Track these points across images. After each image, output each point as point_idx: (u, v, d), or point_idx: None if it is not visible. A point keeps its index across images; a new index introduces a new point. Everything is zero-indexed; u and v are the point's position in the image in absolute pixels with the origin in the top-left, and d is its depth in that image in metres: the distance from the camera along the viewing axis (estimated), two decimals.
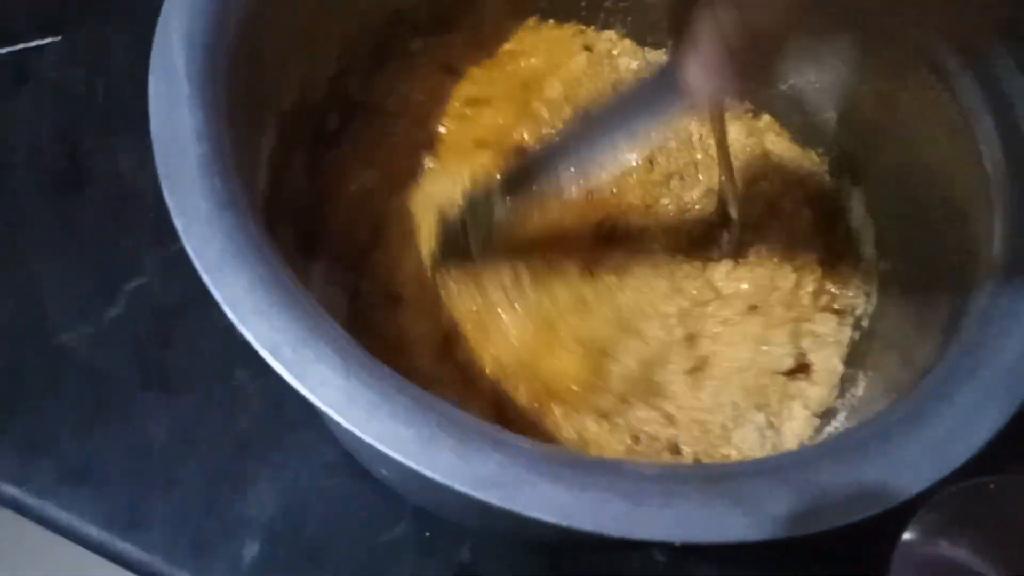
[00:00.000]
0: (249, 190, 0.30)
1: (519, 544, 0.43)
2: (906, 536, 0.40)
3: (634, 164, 0.46)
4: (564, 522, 0.24)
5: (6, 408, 0.43)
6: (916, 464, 0.27)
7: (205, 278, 0.26)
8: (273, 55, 0.37)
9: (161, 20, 0.30)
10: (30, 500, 0.42)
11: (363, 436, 0.25)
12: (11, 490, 0.42)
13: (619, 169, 0.46)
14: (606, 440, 0.38)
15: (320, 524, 0.43)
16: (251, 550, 0.42)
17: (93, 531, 0.42)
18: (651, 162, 0.48)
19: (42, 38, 0.54)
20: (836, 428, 0.41)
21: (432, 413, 0.25)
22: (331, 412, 0.25)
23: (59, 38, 0.54)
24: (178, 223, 0.27)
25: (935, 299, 0.36)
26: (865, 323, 0.44)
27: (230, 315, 0.26)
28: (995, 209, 0.34)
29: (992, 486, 0.40)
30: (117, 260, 0.46)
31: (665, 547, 0.43)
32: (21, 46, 0.53)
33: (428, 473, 0.24)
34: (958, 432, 0.27)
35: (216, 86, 0.31)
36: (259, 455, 0.43)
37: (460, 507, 0.34)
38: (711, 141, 0.47)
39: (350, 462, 0.44)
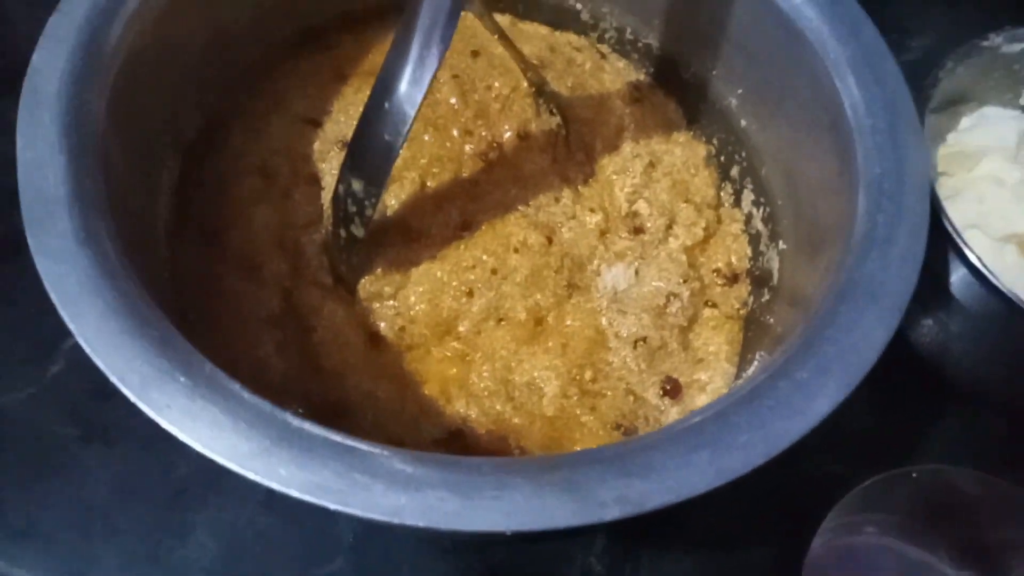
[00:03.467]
0: (117, 222, 0.31)
1: (455, 566, 0.42)
2: (821, 529, 0.39)
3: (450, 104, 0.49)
4: (396, 520, 0.24)
5: None
6: (747, 445, 0.26)
7: (61, 312, 0.27)
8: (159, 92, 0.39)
9: (29, 73, 0.32)
10: None
11: (207, 452, 0.25)
12: None
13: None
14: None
15: (260, 562, 0.43)
16: None
17: None
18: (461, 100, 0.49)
19: None
20: None
21: (272, 427, 0.26)
22: (175, 431, 0.25)
23: None
24: (37, 261, 0.28)
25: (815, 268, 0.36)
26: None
27: (82, 344, 0.27)
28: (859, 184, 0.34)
29: (913, 475, 0.39)
30: (55, 320, 0.48)
31: (604, 557, 0.42)
32: None
33: (266, 483, 0.24)
34: (792, 410, 0.27)
35: (86, 131, 0.32)
36: (197, 499, 0.44)
37: None
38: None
39: (285, 499, 0.44)
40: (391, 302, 0.44)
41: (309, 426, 0.26)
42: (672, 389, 0.43)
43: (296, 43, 0.50)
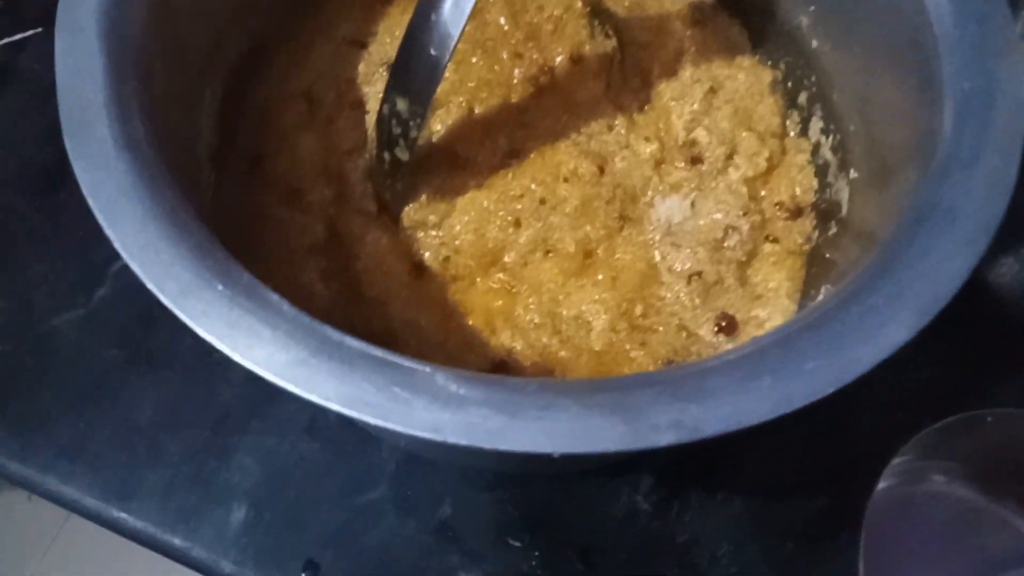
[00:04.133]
0: (158, 135, 0.30)
1: (497, 500, 0.41)
2: (885, 473, 0.37)
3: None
4: (438, 437, 0.23)
5: (3, 391, 0.45)
6: (814, 372, 0.24)
7: (98, 216, 0.27)
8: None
9: None
10: (32, 475, 0.44)
11: (244, 362, 0.24)
12: (14, 466, 0.44)
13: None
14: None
15: (302, 488, 0.43)
16: (237, 515, 0.43)
17: (90, 502, 0.43)
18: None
19: (23, 31, 0.55)
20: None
21: (311, 338, 0.25)
22: (212, 339, 0.25)
23: (40, 30, 0.55)
24: (76, 167, 0.28)
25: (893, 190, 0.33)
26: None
27: (119, 249, 0.26)
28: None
29: (988, 418, 0.37)
30: (101, 245, 0.48)
31: (651, 496, 0.41)
32: (2, 41, 0.55)
33: (305, 395, 0.24)
34: (864, 335, 0.25)
35: (125, 43, 0.31)
36: (241, 425, 0.44)
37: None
38: None
39: (328, 426, 0.44)
40: (436, 231, 0.43)
41: (350, 340, 0.25)
42: (728, 326, 0.41)
43: None
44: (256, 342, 0.25)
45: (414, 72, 0.37)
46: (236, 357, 0.24)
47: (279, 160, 0.43)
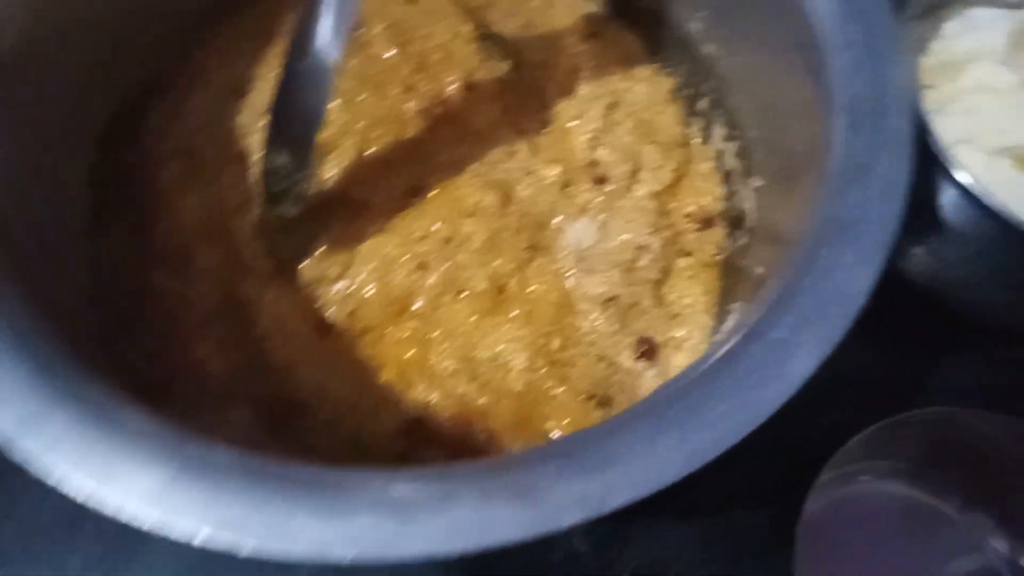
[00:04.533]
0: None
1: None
2: (817, 484, 0.36)
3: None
4: (323, 556, 0.20)
5: None
6: (719, 420, 0.23)
7: None
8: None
9: None
10: None
11: (100, 494, 0.22)
12: None
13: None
14: None
15: None
16: None
17: None
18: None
19: None
20: None
21: (176, 456, 0.22)
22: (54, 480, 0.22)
23: None
24: None
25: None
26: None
27: None
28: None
29: (914, 420, 0.36)
30: None
31: (590, 536, 0.40)
32: None
33: (172, 521, 0.21)
34: (767, 374, 0.23)
35: None
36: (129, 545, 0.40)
37: None
38: None
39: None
40: (339, 284, 0.41)
41: (219, 452, 0.23)
42: (648, 350, 0.39)
43: (212, 7, 0.46)
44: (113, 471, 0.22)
45: (290, 123, 0.35)
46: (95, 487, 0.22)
47: (161, 225, 0.40)
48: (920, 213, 0.35)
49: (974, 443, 0.35)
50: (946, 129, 0.38)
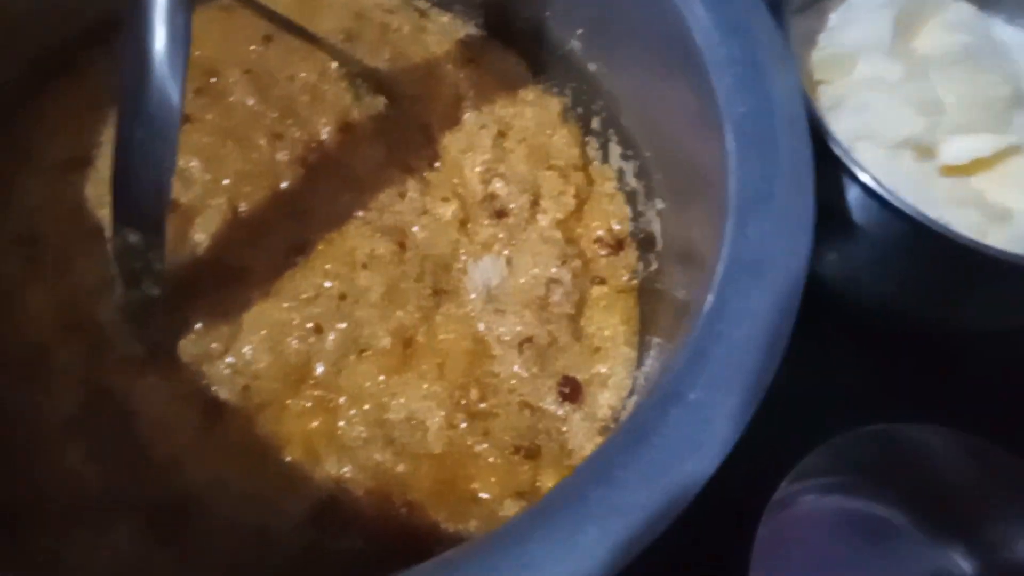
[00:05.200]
0: None
1: None
2: (769, 504, 0.35)
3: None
4: None
5: None
6: (644, 507, 0.20)
7: None
8: None
9: None
10: None
11: None
12: None
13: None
14: None
15: None
16: None
17: None
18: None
19: None
20: None
21: None
22: None
23: None
24: None
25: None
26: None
27: None
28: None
29: (877, 433, 0.35)
30: None
31: None
32: None
33: None
34: (689, 445, 0.21)
35: None
36: None
37: None
38: None
39: None
40: (225, 360, 0.36)
41: None
42: (571, 392, 0.37)
43: (32, 75, 0.40)
44: None
45: (135, 198, 0.31)
46: None
47: (5, 326, 0.35)
48: (827, 216, 0.35)
49: (921, 456, 0.35)
50: (842, 127, 0.38)
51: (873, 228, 0.36)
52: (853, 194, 0.36)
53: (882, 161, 0.38)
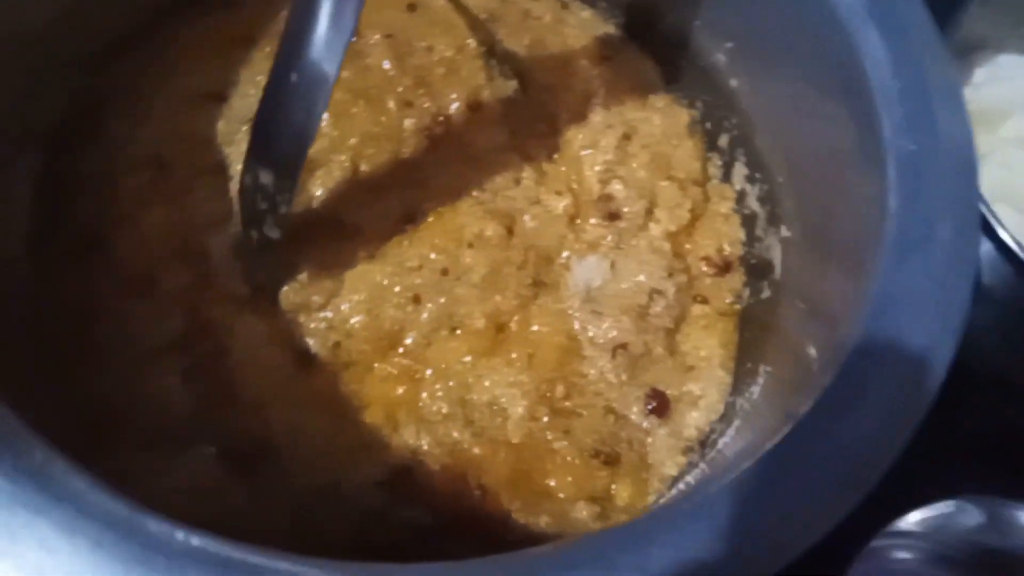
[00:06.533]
0: None
1: None
2: (871, 544, 0.33)
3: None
4: None
5: None
6: None
7: None
8: None
9: None
10: None
11: None
12: None
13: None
14: None
15: None
16: None
17: None
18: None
19: None
20: None
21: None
22: None
23: None
24: None
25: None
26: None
27: None
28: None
29: (964, 506, 0.33)
30: None
31: None
32: None
33: None
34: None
35: None
36: None
37: None
38: None
39: None
40: (322, 313, 0.37)
41: (180, 535, 0.19)
42: (659, 405, 0.36)
43: (175, 5, 0.41)
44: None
45: (277, 139, 0.31)
46: None
47: (120, 240, 0.36)
48: None
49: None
50: (983, 183, 0.36)
51: (1001, 290, 0.35)
52: (986, 254, 0.35)
53: (1019, 226, 0.37)
